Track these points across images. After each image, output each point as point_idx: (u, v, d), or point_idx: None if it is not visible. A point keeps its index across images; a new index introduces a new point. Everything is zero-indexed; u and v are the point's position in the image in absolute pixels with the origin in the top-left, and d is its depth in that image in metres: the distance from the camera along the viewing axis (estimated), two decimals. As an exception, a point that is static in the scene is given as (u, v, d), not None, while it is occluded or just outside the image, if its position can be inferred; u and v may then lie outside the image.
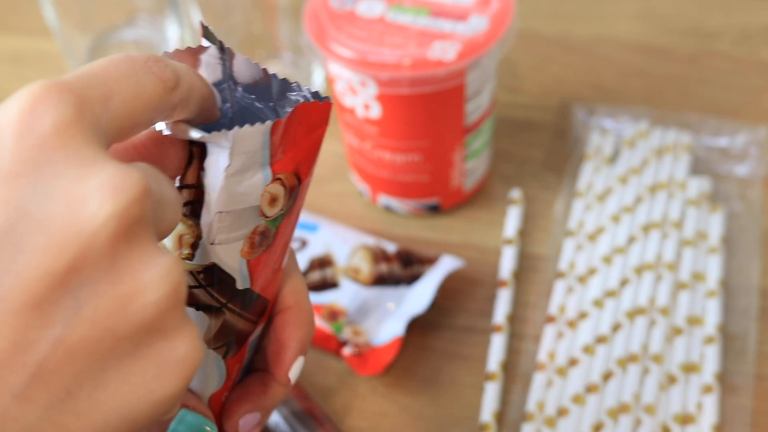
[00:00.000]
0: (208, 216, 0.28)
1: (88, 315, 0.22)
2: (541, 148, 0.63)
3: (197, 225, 0.29)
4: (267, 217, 0.29)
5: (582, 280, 0.54)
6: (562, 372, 0.50)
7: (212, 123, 0.28)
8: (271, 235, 0.29)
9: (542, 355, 0.50)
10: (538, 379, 0.49)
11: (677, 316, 0.52)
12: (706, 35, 0.71)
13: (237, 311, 0.30)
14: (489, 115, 0.57)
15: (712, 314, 0.52)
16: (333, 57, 0.51)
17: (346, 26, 0.52)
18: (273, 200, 0.29)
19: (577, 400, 0.48)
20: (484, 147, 0.58)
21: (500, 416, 0.49)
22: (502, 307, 0.53)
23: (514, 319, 0.53)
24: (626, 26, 0.72)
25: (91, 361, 0.22)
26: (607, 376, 0.49)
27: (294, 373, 0.33)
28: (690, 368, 0.50)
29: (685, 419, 0.48)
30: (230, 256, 0.29)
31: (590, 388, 0.49)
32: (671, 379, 0.49)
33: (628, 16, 0.73)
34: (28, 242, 0.22)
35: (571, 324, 0.52)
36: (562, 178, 0.61)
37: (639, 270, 0.53)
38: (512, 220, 0.58)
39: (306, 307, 0.33)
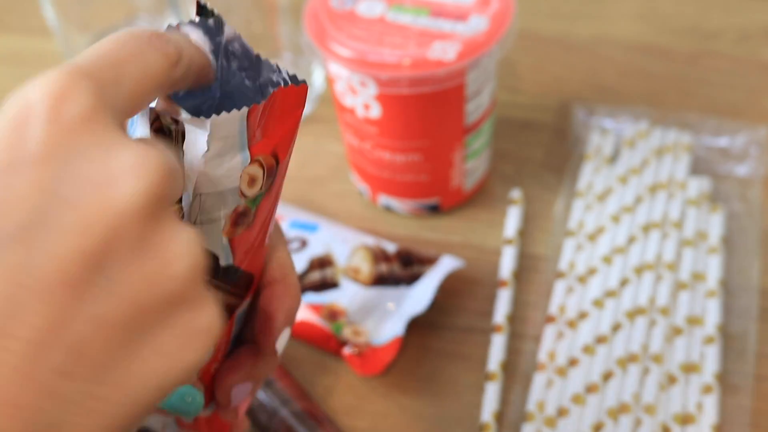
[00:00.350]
0: (188, 198, 0.29)
1: (120, 291, 0.23)
2: (541, 148, 0.63)
3: (180, 206, 0.29)
4: (246, 197, 0.30)
5: (582, 280, 0.54)
6: (562, 372, 0.50)
7: (203, 91, 0.29)
8: (251, 213, 0.30)
9: (542, 355, 0.50)
10: (538, 379, 0.49)
11: (677, 316, 0.52)
12: (706, 35, 0.71)
13: (222, 287, 0.31)
14: (489, 115, 0.57)
15: (712, 314, 0.52)
16: (333, 57, 0.51)
17: (346, 26, 0.52)
18: (252, 181, 0.30)
19: (577, 400, 0.48)
20: (484, 147, 0.58)
21: (500, 416, 0.49)
22: (502, 307, 0.53)
23: (514, 319, 0.53)
24: (626, 26, 0.72)
25: (124, 334, 0.23)
26: (607, 376, 0.49)
27: (281, 343, 0.33)
28: (690, 368, 0.50)
29: (685, 419, 0.48)
30: (212, 236, 0.30)
31: (590, 388, 0.49)
32: (671, 379, 0.49)
33: (628, 16, 0.73)
34: (60, 223, 0.22)
35: (571, 324, 0.52)
36: (562, 178, 0.61)
37: (639, 270, 0.53)
38: (512, 220, 0.58)
39: (292, 280, 0.34)
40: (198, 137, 0.28)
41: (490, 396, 0.49)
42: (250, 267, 0.32)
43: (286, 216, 0.58)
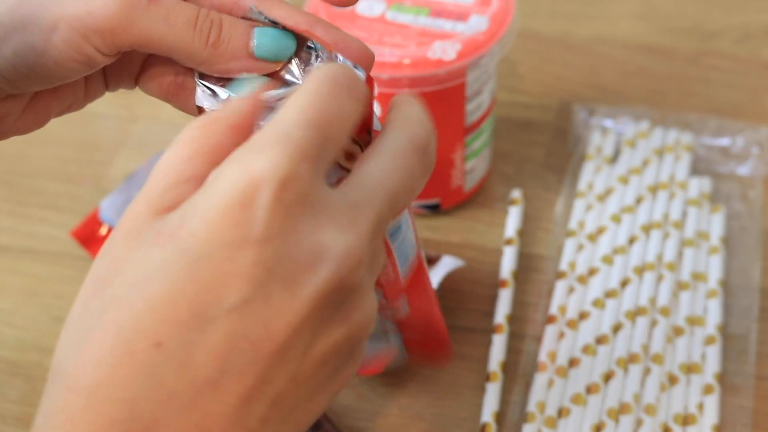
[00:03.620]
0: None
1: (313, 353, 0.27)
2: (542, 148, 0.63)
3: None
4: (346, 169, 0.32)
5: (582, 280, 0.54)
6: (562, 372, 0.49)
7: None
8: None
9: (543, 356, 0.50)
10: (539, 380, 0.49)
11: (678, 317, 0.52)
12: (707, 35, 0.71)
13: None
14: (489, 115, 0.57)
15: (712, 314, 0.52)
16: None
17: (346, 25, 0.52)
18: (349, 156, 0.32)
19: (578, 400, 0.48)
20: (484, 147, 0.58)
21: (500, 417, 0.49)
22: (502, 307, 0.53)
23: (514, 319, 0.53)
24: (627, 26, 0.72)
25: (313, 385, 0.28)
26: (607, 376, 0.49)
27: None
28: (691, 368, 0.49)
29: (686, 420, 0.48)
30: None
31: (591, 389, 0.48)
32: (672, 380, 0.49)
33: (629, 16, 0.73)
34: (274, 299, 0.26)
35: (572, 324, 0.52)
36: (563, 178, 0.60)
37: (640, 270, 0.53)
38: (512, 220, 0.57)
39: None
40: None
41: (491, 396, 0.49)
42: None
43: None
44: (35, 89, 0.35)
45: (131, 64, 0.37)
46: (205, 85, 0.35)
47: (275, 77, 0.34)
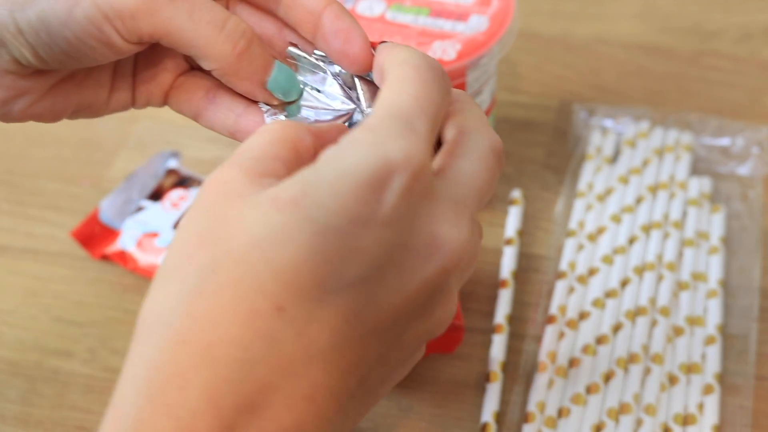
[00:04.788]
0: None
1: (404, 339, 0.29)
2: (542, 148, 0.63)
3: None
4: None
5: (582, 280, 0.54)
6: (562, 372, 0.49)
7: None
8: None
9: (543, 356, 0.50)
10: (539, 380, 0.49)
11: (678, 317, 0.52)
12: (707, 35, 0.71)
13: None
14: (489, 115, 0.57)
15: (712, 314, 0.52)
16: (333, 56, 0.51)
17: (346, 26, 0.52)
18: None
19: (578, 400, 0.48)
20: (485, 147, 0.58)
21: (501, 417, 0.49)
22: (502, 307, 0.53)
23: (514, 319, 0.53)
24: (627, 26, 0.72)
25: (390, 370, 0.29)
26: (607, 376, 0.49)
27: None
28: (691, 368, 0.49)
29: (686, 420, 0.48)
30: None
31: (591, 389, 0.48)
32: (672, 380, 0.49)
33: (629, 16, 0.72)
34: (387, 282, 0.27)
35: (572, 324, 0.52)
36: (563, 178, 0.60)
37: (640, 270, 0.53)
38: (512, 220, 0.57)
39: None
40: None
41: (491, 396, 0.49)
42: None
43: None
44: (57, 66, 0.35)
45: (164, 77, 0.37)
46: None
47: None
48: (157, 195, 0.59)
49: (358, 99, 0.35)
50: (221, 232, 0.27)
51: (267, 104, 0.36)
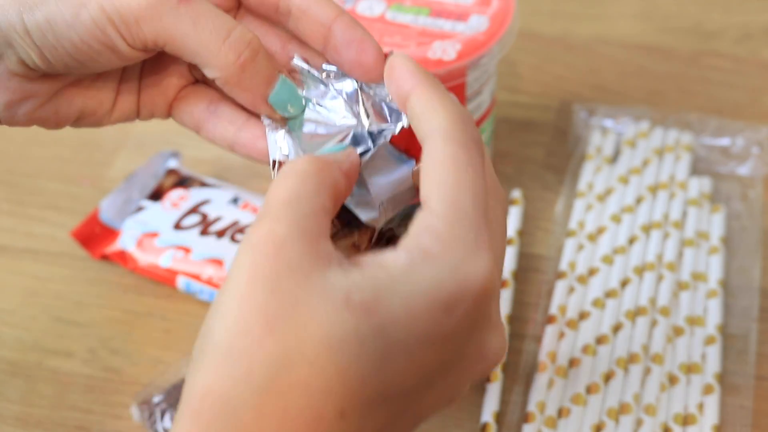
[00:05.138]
0: (370, 212, 0.34)
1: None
2: (542, 148, 0.63)
3: (363, 227, 0.35)
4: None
5: (582, 280, 0.54)
6: (562, 372, 0.49)
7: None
8: None
9: (543, 356, 0.50)
10: (539, 380, 0.49)
11: (678, 317, 0.52)
12: (707, 35, 0.71)
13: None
14: (489, 115, 0.57)
15: (712, 314, 0.52)
16: (333, 56, 0.51)
17: (346, 26, 0.52)
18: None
19: (578, 400, 0.48)
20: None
21: (500, 417, 0.49)
22: (502, 307, 0.53)
23: (514, 319, 0.53)
24: (627, 26, 0.72)
25: (439, 389, 0.30)
26: (608, 376, 0.49)
27: None
28: (691, 368, 0.49)
29: (686, 420, 0.48)
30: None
31: (591, 389, 0.48)
32: (672, 380, 0.49)
33: (629, 16, 0.73)
34: (436, 390, 0.29)
35: (572, 324, 0.52)
36: (563, 178, 0.60)
37: (640, 270, 0.53)
38: (512, 220, 0.57)
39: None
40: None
41: (491, 396, 0.49)
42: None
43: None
44: (62, 69, 0.35)
45: (168, 87, 0.37)
46: (275, 142, 0.36)
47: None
48: (157, 195, 0.59)
49: (359, 114, 0.35)
50: (291, 322, 0.27)
51: (269, 117, 0.36)
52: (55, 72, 0.35)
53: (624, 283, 0.53)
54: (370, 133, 0.35)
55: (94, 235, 0.58)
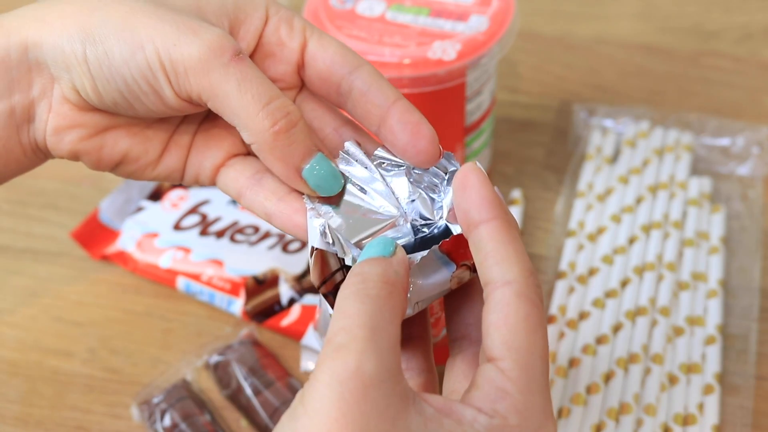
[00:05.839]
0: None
1: None
2: (542, 148, 0.63)
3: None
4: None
5: (583, 280, 0.54)
6: (562, 372, 0.49)
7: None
8: None
9: (543, 356, 0.50)
10: (539, 380, 0.49)
11: (678, 317, 0.52)
12: (707, 35, 0.71)
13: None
14: (489, 115, 0.57)
15: (712, 314, 0.52)
16: (333, 56, 0.51)
17: (345, 25, 0.52)
18: (460, 281, 0.35)
19: (578, 400, 0.48)
20: (484, 147, 0.58)
21: (501, 417, 0.49)
22: (502, 308, 0.53)
23: (514, 319, 0.53)
24: (627, 26, 0.72)
25: None
26: (608, 376, 0.49)
27: None
28: (691, 368, 0.49)
29: (686, 420, 0.48)
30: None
31: (591, 389, 0.48)
32: (672, 380, 0.49)
33: (629, 16, 0.73)
34: None
35: (572, 324, 0.52)
36: (563, 178, 0.60)
37: (640, 270, 0.53)
38: (512, 220, 0.57)
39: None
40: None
41: (491, 396, 0.49)
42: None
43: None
44: (111, 106, 0.36)
45: (218, 152, 0.37)
46: (320, 232, 0.35)
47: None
48: (156, 195, 0.59)
49: (403, 205, 0.36)
50: None
51: (305, 195, 0.36)
52: (105, 107, 0.36)
53: (624, 283, 0.53)
54: (414, 227, 0.35)
55: (94, 235, 0.58)
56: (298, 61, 0.37)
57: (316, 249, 0.34)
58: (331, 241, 0.34)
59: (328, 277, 0.35)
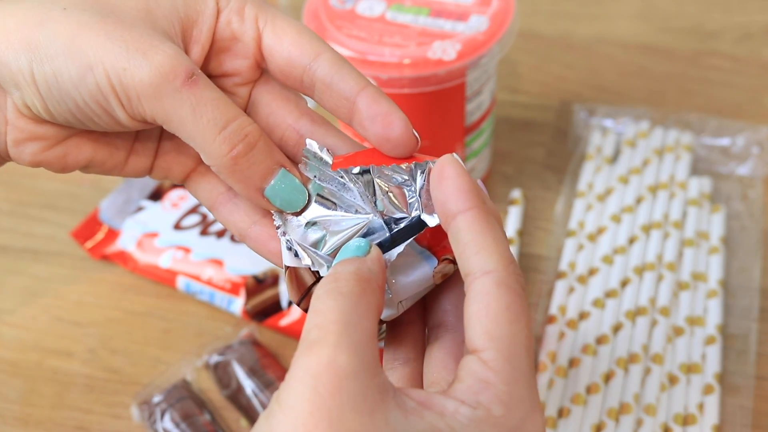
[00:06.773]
0: (389, 310, 0.34)
1: None
2: (542, 148, 0.63)
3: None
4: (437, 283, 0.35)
5: (583, 280, 0.54)
6: (562, 372, 0.49)
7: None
8: None
9: (543, 356, 0.50)
10: (539, 379, 0.49)
11: (678, 317, 0.52)
12: (707, 35, 0.71)
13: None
14: (489, 115, 0.57)
15: (712, 314, 0.52)
16: (333, 56, 0.51)
17: (346, 25, 0.52)
18: (444, 276, 0.34)
19: (578, 400, 0.48)
20: (484, 147, 0.58)
21: (501, 417, 0.49)
22: (502, 308, 0.53)
23: (514, 319, 0.53)
24: (627, 26, 0.72)
25: None
26: (608, 376, 0.49)
27: None
28: (691, 368, 0.49)
29: (686, 420, 0.48)
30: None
31: (591, 389, 0.48)
32: (672, 380, 0.49)
33: (629, 16, 0.73)
34: None
35: (572, 324, 0.52)
36: (563, 178, 0.60)
37: (640, 270, 0.53)
38: (512, 220, 0.57)
39: None
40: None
41: (491, 396, 0.49)
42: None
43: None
44: (65, 123, 0.35)
45: (188, 159, 0.37)
46: (289, 248, 0.34)
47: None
48: (156, 195, 0.59)
49: (375, 202, 0.34)
50: None
51: (273, 212, 0.35)
52: (58, 123, 0.35)
53: (624, 283, 0.53)
54: (386, 222, 0.34)
55: (94, 235, 0.58)
56: (256, 55, 0.35)
57: (288, 267, 0.34)
58: (300, 256, 0.34)
59: (305, 293, 0.34)
